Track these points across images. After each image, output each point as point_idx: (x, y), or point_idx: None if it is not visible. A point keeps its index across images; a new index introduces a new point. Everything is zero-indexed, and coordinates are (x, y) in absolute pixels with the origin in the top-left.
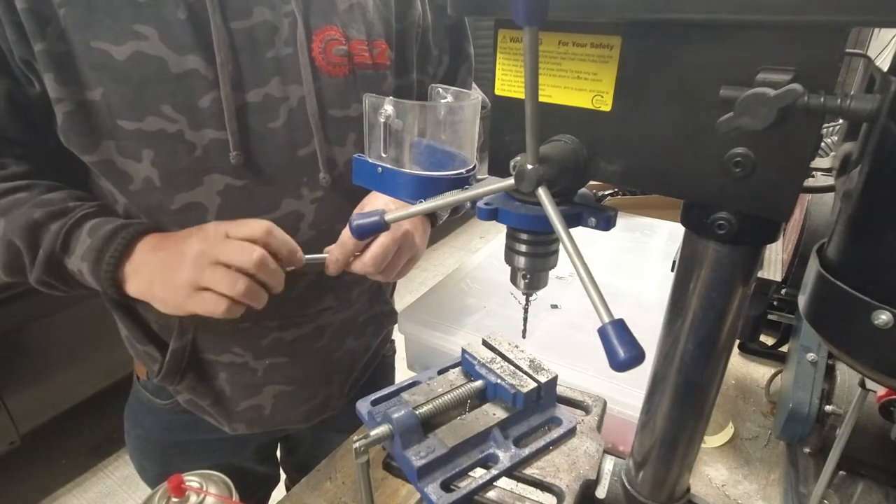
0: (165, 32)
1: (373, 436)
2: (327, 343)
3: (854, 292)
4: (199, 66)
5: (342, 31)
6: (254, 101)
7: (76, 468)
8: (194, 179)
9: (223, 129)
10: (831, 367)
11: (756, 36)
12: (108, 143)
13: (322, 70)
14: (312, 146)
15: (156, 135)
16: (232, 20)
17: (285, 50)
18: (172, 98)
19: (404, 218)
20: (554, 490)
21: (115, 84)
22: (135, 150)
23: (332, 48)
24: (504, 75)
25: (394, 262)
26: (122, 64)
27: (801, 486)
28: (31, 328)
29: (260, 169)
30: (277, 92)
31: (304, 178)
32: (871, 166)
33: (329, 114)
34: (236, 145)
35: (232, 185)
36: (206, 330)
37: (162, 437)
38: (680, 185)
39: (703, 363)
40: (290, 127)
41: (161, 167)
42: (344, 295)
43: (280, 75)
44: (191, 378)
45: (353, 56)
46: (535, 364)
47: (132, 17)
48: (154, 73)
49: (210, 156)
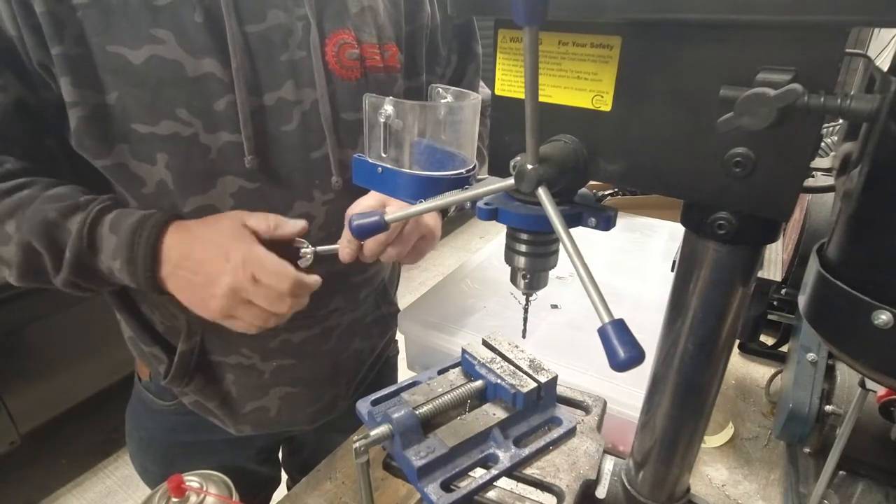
0: (182, 35)
1: (373, 436)
2: (335, 344)
3: (854, 292)
4: (215, 70)
5: (354, 35)
6: (268, 105)
7: (76, 468)
8: (208, 182)
9: (237, 132)
10: (831, 367)
11: (756, 36)
12: (122, 147)
13: (335, 74)
14: (325, 149)
15: (170, 138)
16: (247, 23)
17: (299, 53)
18: (188, 101)
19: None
20: (554, 490)
21: (131, 88)
22: (149, 154)
23: (345, 52)
24: (504, 75)
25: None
26: (139, 68)
27: (801, 486)
28: (31, 328)
29: (273, 172)
30: (291, 95)
31: (317, 180)
32: (871, 166)
33: (342, 117)
34: (251, 150)
35: (245, 188)
36: (213, 332)
37: (165, 439)
38: (680, 185)
39: (703, 363)
40: (303, 130)
41: (175, 170)
42: (352, 296)
43: (294, 79)
44: (198, 380)
45: (366, 59)
46: (535, 364)
47: (150, 20)
48: (170, 77)
49: (224, 159)
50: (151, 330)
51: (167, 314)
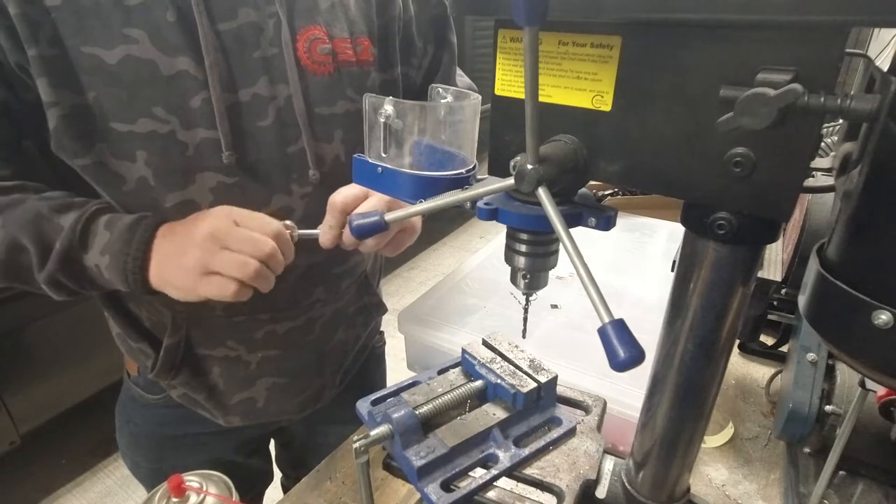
0: (155, 35)
1: (373, 436)
2: (319, 335)
3: (854, 292)
4: (189, 68)
5: (325, 30)
6: (243, 101)
7: (76, 468)
8: (187, 178)
9: (214, 128)
10: (831, 367)
11: (756, 36)
12: (102, 146)
13: (308, 69)
14: (301, 144)
15: (148, 136)
16: (218, 21)
17: (271, 50)
18: (164, 99)
19: (404, 218)
20: (554, 490)
21: (108, 87)
22: (128, 152)
23: (317, 47)
24: (504, 75)
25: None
26: (114, 68)
27: (801, 486)
28: (31, 328)
29: (251, 167)
30: (265, 91)
31: (294, 174)
32: (871, 166)
33: (316, 112)
34: (228, 145)
35: (224, 183)
36: (199, 325)
37: (154, 433)
38: (680, 185)
39: (703, 363)
40: (278, 125)
41: (154, 167)
42: (334, 287)
43: (267, 75)
44: (185, 373)
45: (338, 54)
46: (535, 364)
47: (122, 20)
48: (145, 76)
49: (202, 155)
50: (138, 326)
51: (153, 310)
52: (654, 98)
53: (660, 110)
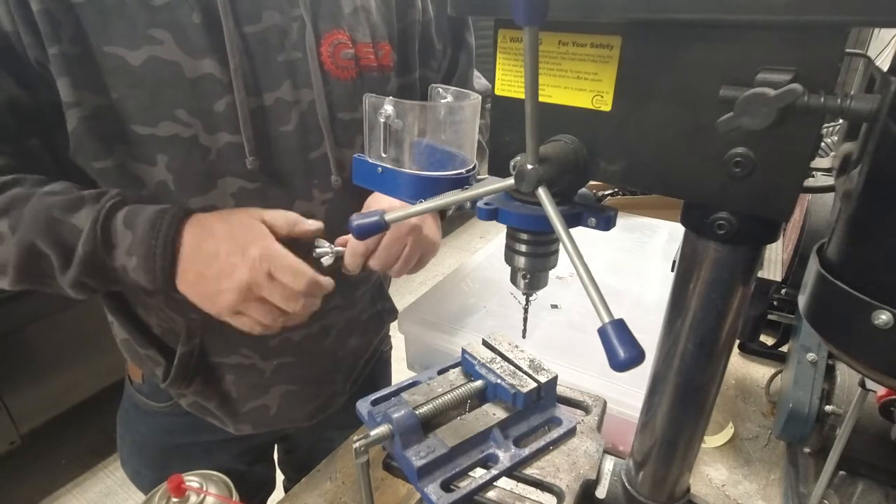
0: (180, 36)
1: (373, 436)
2: (333, 342)
3: (854, 292)
4: (214, 71)
5: (349, 35)
6: (267, 105)
7: (76, 468)
8: (208, 183)
9: (237, 132)
10: (831, 367)
11: (756, 36)
12: (122, 149)
13: (331, 74)
14: (323, 149)
15: (170, 139)
16: (244, 24)
17: (295, 54)
18: (187, 102)
19: (404, 218)
20: (554, 490)
21: (130, 89)
22: (149, 155)
23: (341, 52)
24: (504, 75)
25: (407, 256)
26: (138, 69)
27: (801, 486)
28: (31, 328)
29: (273, 172)
30: (289, 96)
31: (316, 180)
32: (871, 166)
33: (338, 117)
34: (252, 151)
35: (245, 188)
36: (213, 333)
37: (160, 442)
38: (680, 185)
39: (703, 363)
40: (301, 130)
41: (175, 171)
42: (349, 294)
43: (291, 79)
44: (198, 381)
45: (360, 59)
46: (535, 364)
47: (147, 21)
48: (169, 78)
49: (224, 159)
50: (147, 332)
51: (164, 317)
52: (654, 98)
53: (660, 110)
